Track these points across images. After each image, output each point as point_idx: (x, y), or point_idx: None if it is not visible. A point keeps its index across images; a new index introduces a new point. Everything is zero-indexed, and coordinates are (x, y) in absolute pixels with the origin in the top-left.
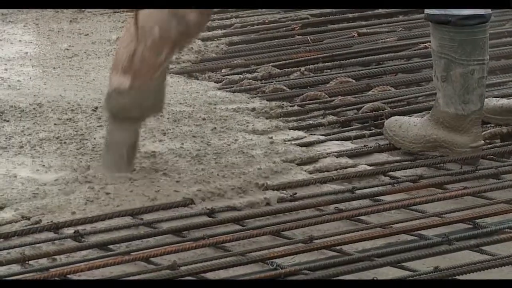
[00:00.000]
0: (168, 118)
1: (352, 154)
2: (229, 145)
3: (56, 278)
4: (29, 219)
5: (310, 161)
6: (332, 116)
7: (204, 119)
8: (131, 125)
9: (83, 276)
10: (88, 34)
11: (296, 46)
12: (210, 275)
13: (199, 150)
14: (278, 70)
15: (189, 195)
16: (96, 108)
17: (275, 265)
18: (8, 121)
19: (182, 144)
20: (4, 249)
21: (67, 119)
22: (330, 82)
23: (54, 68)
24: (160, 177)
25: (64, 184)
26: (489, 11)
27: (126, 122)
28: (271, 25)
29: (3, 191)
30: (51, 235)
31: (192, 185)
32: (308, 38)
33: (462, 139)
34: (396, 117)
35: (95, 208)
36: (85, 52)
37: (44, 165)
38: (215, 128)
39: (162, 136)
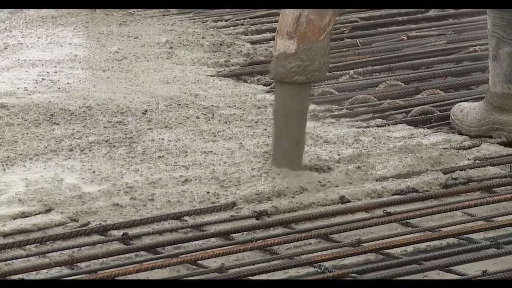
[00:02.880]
0: (219, 120)
1: None
2: None
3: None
4: (77, 221)
5: None
6: (380, 119)
7: (256, 122)
8: (297, 91)
9: (131, 278)
10: (137, 37)
11: (345, 49)
12: (257, 278)
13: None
14: (327, 73)
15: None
16: (146, 111)
17: (323, 268)
18: (58, 124)
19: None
20: (53, 251)
21: (117, 122)
22: (379, 86)
23: (104, 71)
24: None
25: (110, 191)
26: None
27: (292, 88)
28: None
29: (50, 195)
30: (99, 237)
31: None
32: (357, 41)
33: (509, 117)
34: (461, 103)
35: (142, 212)
36: (134, 55)
37: (94, 171)
38: (266, 129)
39: (213, 137)
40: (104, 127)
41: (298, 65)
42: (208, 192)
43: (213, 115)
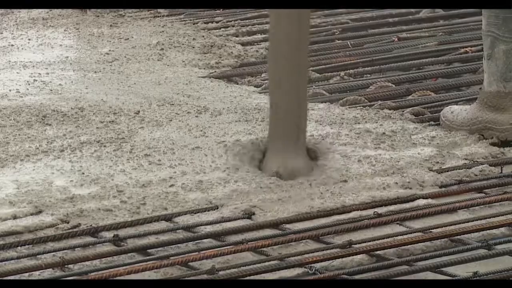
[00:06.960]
0: (214, 123)
1: None
2: None
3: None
4: (68, 223)
5: None
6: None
7: (248, 122)
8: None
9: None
10: (128, 38)
11: (336, 50)
12: (248, 279)
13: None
14: (318, 74)
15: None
16: (138, 111)
17: (314, 270)
18: (50, 124)
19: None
20: (44, 252)
21: (110, 121)
22: (370, 87)
23: (95, 72)
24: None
25: (100, 194)
26: None
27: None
28: (311, 29)
29: (41, 197)
30: (90, 239)
31: None
32: (348, 42)
33: (502, 117)
34: (451, 106)
35: (134, 214)
36: (125, 57)
37: (83, 173)
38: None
39: (204, 137)
40: (97, 127)
41: None
42: (197, 197)
43: (205, 115)
